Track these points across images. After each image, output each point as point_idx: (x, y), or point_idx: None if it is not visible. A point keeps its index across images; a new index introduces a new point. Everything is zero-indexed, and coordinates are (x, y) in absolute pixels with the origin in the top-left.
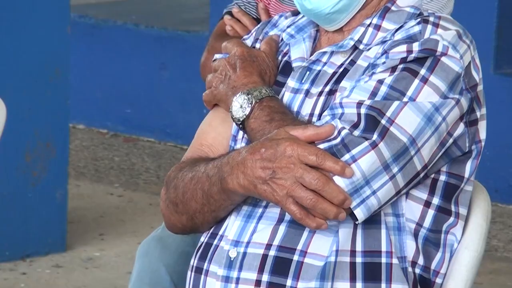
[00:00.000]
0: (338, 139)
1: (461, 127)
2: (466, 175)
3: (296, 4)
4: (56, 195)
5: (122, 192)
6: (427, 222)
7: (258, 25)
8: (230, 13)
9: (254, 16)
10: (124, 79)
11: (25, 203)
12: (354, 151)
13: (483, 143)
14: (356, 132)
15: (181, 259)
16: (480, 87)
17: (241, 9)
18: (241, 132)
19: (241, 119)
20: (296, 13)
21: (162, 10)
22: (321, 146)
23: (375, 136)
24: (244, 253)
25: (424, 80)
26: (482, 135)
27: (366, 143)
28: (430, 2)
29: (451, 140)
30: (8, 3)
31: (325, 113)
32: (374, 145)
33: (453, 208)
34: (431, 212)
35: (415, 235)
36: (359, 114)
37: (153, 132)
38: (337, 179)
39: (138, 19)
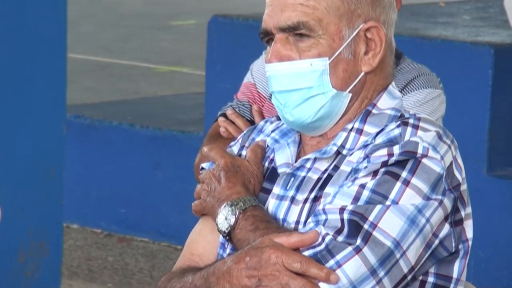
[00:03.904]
0: (323, 245)
1: (446, 228)
2: (455, 275)
3: (280, 117)
4: None
5: None
6: None
7: (244, 131)
8: (224, 115)
9: (248, 118)
10: (119, 179)
11: None
12: (338, 257)
13: (470, 242)
14: (340, 238)
15: None
16: (463, 187)
17: (235, 111)
18: None
19: (226, 231)
20: None
21: (157, 110)
22: (306, 253)
23: (358, 241)
24: None
25: (406, 183)
26: (469, 234)
27: (350, 248)
28: (422, 106)
29: (436, 241)
30: (4, 101)
31: (309, 219)
32: (358, 250)
33: None
34: None
35: None
36: (342, 220)
37: (147, 232)
38: (323, 286)
39: (133, 120)
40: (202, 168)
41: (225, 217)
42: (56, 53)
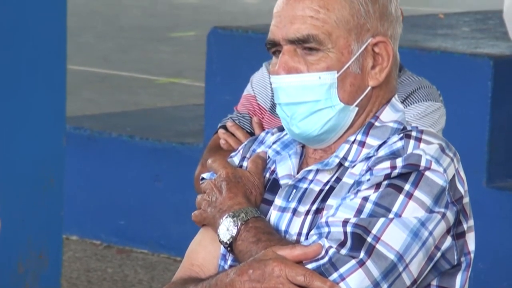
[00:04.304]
0: (326, 258)
1: (448, 240)
2: None
3: (285, 128)
4: None
5: None
6: None
7: (245, 142)
8: (224, 127)
9: (248, 130)
10: (118, 190)
11: None
12: (342, 270)
13: (472, 255)
14: (343, 251)
15: None
16: (466, 199)
17: (235, 123)
18: None
19: (228, 242)
20: (281, 128)
21: (157, 122)
22: (309, 265)
23: (362, 254)
24: None
25: (409, 196)
26: (471, 246)
27: (353, 262)
28: (422, 118)
29: (439, 254)
30: (4, 112)
31: (312, 232)
32: (361, 263)
33: None
34: None
35: None
36: (345, 233)
37: (146, 244)
38: None
39: (133, 131)
40: (203, 179)
41: (227, 228)
42: (56, 64)
